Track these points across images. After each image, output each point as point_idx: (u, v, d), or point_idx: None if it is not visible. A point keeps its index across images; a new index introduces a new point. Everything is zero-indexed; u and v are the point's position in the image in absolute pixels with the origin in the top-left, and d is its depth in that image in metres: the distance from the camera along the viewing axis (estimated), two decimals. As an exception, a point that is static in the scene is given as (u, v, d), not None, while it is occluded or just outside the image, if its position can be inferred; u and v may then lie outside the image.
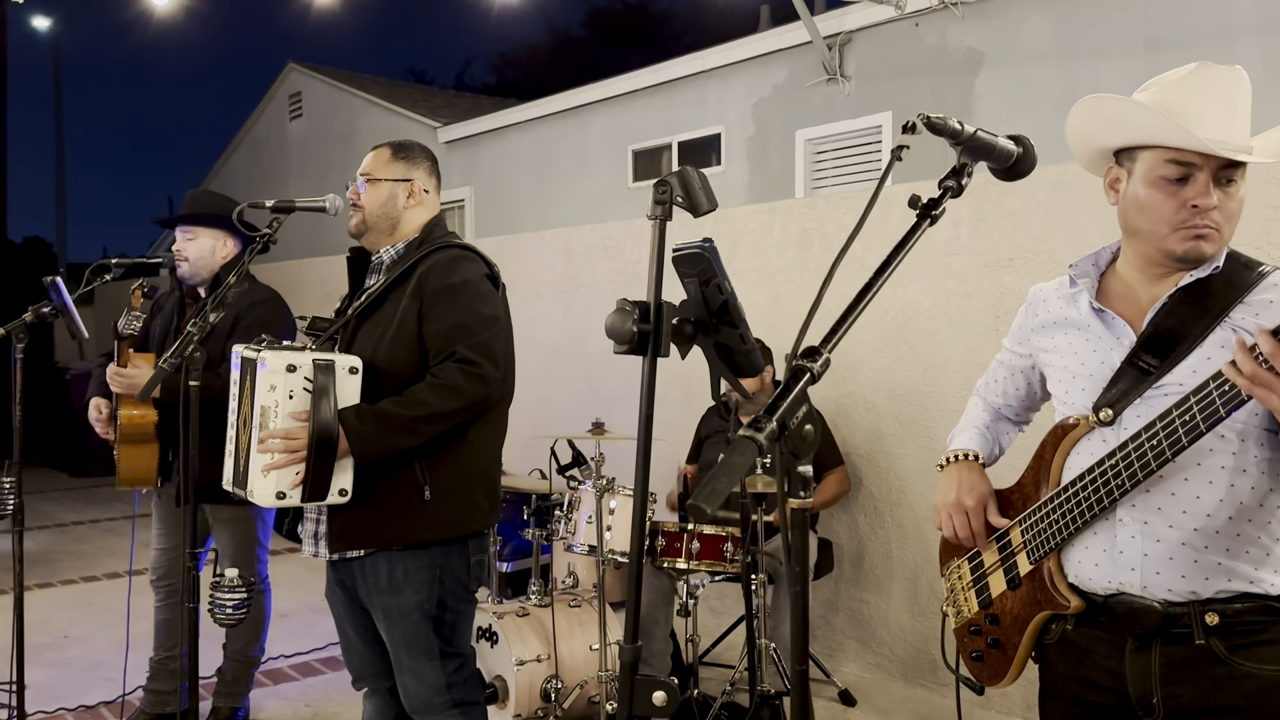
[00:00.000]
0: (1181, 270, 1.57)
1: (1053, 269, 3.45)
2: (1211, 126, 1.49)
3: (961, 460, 1.82)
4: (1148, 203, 1.55)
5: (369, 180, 2.46)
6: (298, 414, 2.16)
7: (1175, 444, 1.44)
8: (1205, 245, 1.52)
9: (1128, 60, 5.95)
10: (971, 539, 1.76)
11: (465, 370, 2.25)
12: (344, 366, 2.21)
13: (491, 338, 2.31)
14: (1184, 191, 1.51)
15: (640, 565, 1.26)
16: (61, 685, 3.96)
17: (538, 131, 10.19)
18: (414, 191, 2.48)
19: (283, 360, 2.16)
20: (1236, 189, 1.53)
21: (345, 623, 2.52)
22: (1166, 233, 1.54)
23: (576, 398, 5.28)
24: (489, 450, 2.45)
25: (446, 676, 2.37)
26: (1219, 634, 1.50)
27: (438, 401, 2.22)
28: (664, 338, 1.25)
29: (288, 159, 13.68)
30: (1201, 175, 1.50)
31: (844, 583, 4.19)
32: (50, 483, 9.03)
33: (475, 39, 63.96)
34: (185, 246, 3.28)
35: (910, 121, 1.29)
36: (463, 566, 2.39)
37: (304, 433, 2.15)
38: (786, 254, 4.43)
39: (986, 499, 1.75)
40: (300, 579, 5.35)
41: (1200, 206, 1.50)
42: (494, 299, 2.39)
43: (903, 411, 3.97)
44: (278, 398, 2.16)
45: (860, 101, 7.38)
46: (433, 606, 2.34)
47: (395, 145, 2.52)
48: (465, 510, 2.36)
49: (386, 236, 2.47)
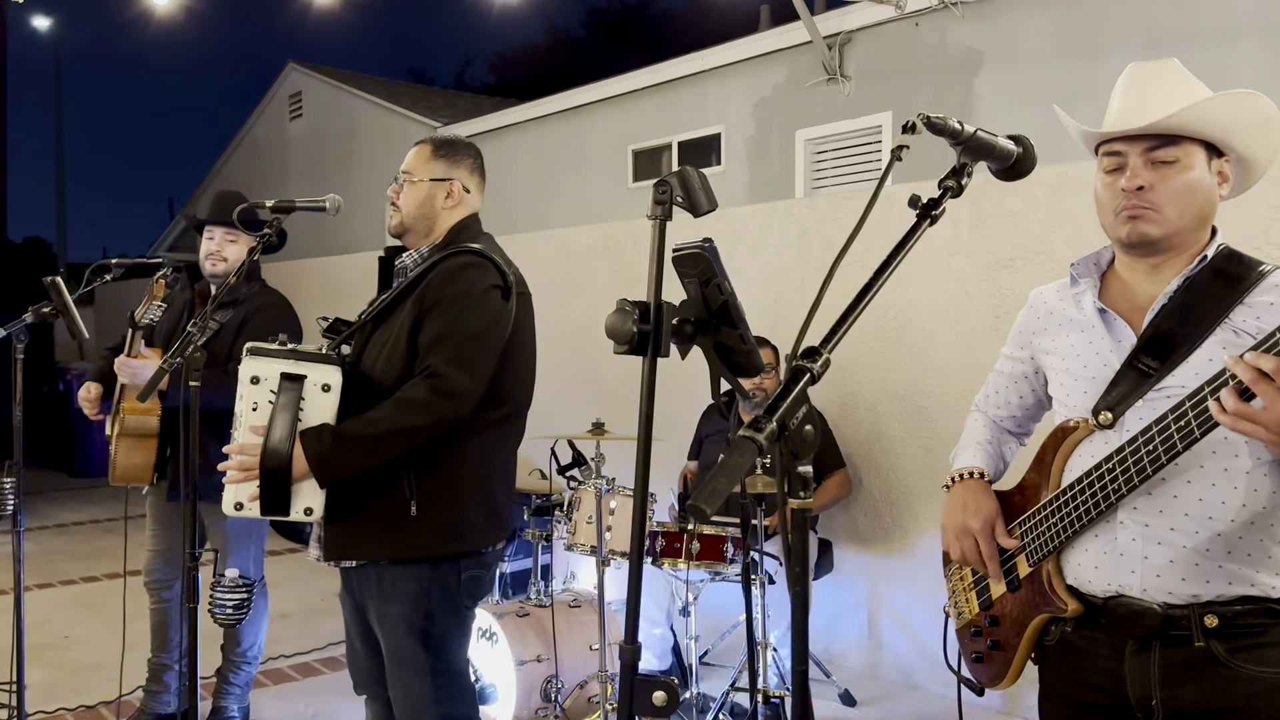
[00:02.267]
0: (1156, 259, 1.60)
1: (1053, 269, 3.45)
2: (1134, 115, 1.57)
3: (967, 480, 1.80)
4: (1099, 197, 1.64)
5: (408, 179, 2.39)
6: (257, 427, 2.10)
7: (1171, 449, 1.44)
8: (1143, 225, 1.57)
9: (1128, 60, 5.88)
10: (981, 564, 1.73)
11: (433, 385, 2.16)
12: (316, 383, 2.12)
13: (473, 350, 2.21)
14: (1119, 180, 1.58)
15: (640, 565, 1.26)
16: (61, 685, 3.96)
17: (537, 131, 10.18)
18: (453, 191, 2.39)
19: (250, 369, 2.09)
20: (1176, 169, 1.56)
21: (350, 626, 2.49)
22: (1111, 220, 1.61)
23: (576, 398, 5.28)
24: (490, 465, 2.34)
25: (435, 690, 2.29)
26: (1219, 636, 1.50)
27: (402, 418, 2.14)
28: (664, 338, 1.25)
29: (288, 159, 13.68)
30: (1131, 160, 1.57)
31: (844, 582, 4.19)
32: (50, 483, 9.03)
33: (475, 39, 63.89)
34: (225, 247, 3.25)
35: (910, 121, 1.29)
36: (453, 582, 2.30)
37: (259, 449, 2.09)
38: (786, 254, 4.43)
39: (993, 519, 1.73)
40: (300, 579, 5.35)
41: (1126, 188, 1.56)
42: (492, 310, 2.27)
43: (902, 412, 3.97)
44: (243, 407, 2.11)
45: (860, 101, 7.37)
46: (420, 619, 2.27)
47: (437, 142, 2.43)
48: (455, 528, 2.27)
49: (424, 237, 2.39)
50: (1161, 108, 1.55)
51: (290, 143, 13.68)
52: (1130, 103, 1.61)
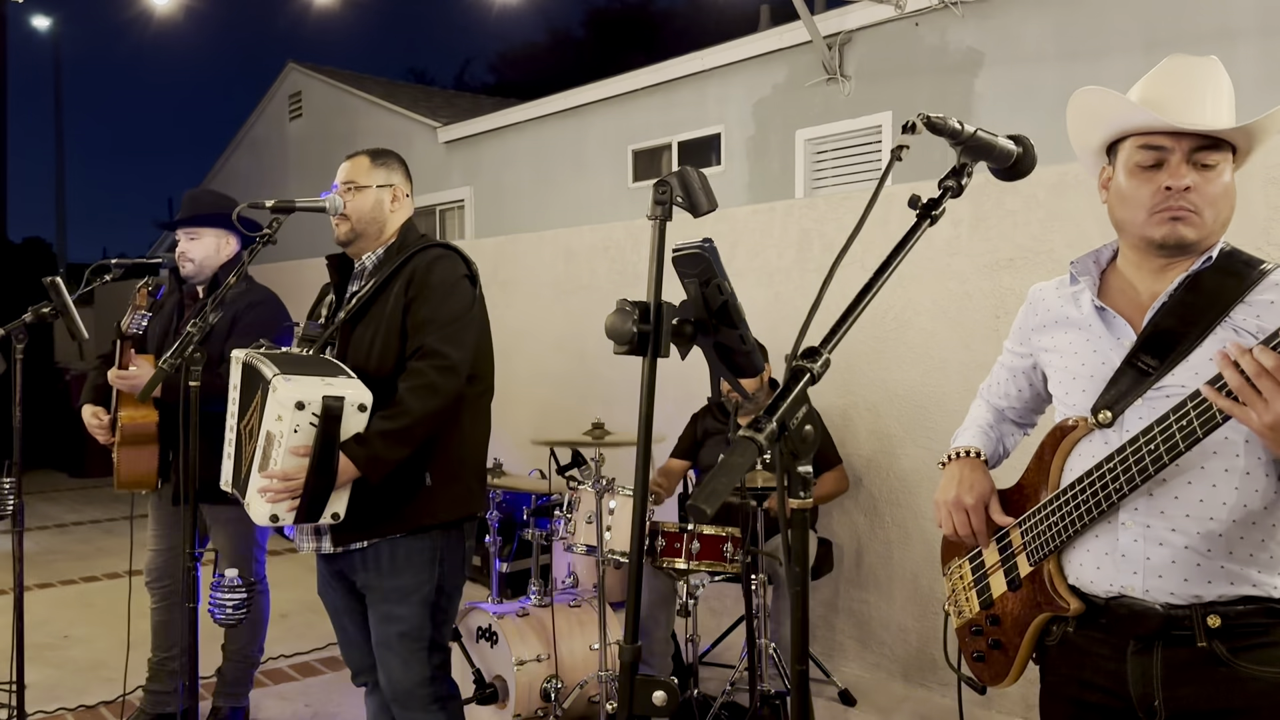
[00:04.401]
0: (1171, 260, 1.57)
1: (1053, 269, 3.44)
2: (1178, 109, 1.51)
3: (963, 457, 1.81)
4: (1127, 191, 1.57)
5: (354, 188, 2.50)
6: (298, 449, 2.15)
7: (1173, 449, 1.43)
8: (1183, 228, 1.52)
9: (1128, 60, 5.95)
10: (972, 537, 1.75)
11: (435, 365, 2.32)
12: (354, 403, 2.20)
13: (459, 329, 2.38)
14: (1158, 176, 1.53)
15: (640, 565, 1.26)
16: (61, 685, 3.95)
17: (537, 131, 10.18)
18: (397, 195, 2.55)
19: (293, 395, 2.13)
20: (1216, 173, 1.53)
21: (344, 616, 2.56)
22: (1144, 218, 1.55)
23: (576, 398, 5.28)
24: (476, 437, 2.54)
25: (432, 669, 2.44)
26: (1221, 636, 1.49)
27: (420, 405, 2.28)
28: (664, 338, 1.25)
29: (288, 159, 13.68)
30: (1174, 158, 1.52)
31: (844, 583, 4.19)
32: (50, 483, 9.02)
33: (475, 39, 63.95)
34: (189, 247, 3.27)
35: (910, 121, 1.29)
36: (460, 548, 2.47)
37: (302, 471, 2.16)
38: (786, 254, 4.43)
39: (988, 496, 1.74)
40: (300, 579, 5.34)
41: (1173, 188, 1.51)
42: (468, 295, 2.46)
43: (902, 412, 3.97)
44: (283, 429, 2.14)
45: (860, 101, 7.37)
46: (432, 590, 2.41)
47: (372, 153, 2.58)
48: (462, 495, 2.45)
49: (373, 241, 2.54)
50: (1224, 110, 1.52)
51: (290, 143, 13.68)
52: (1183, 96, 1.54)
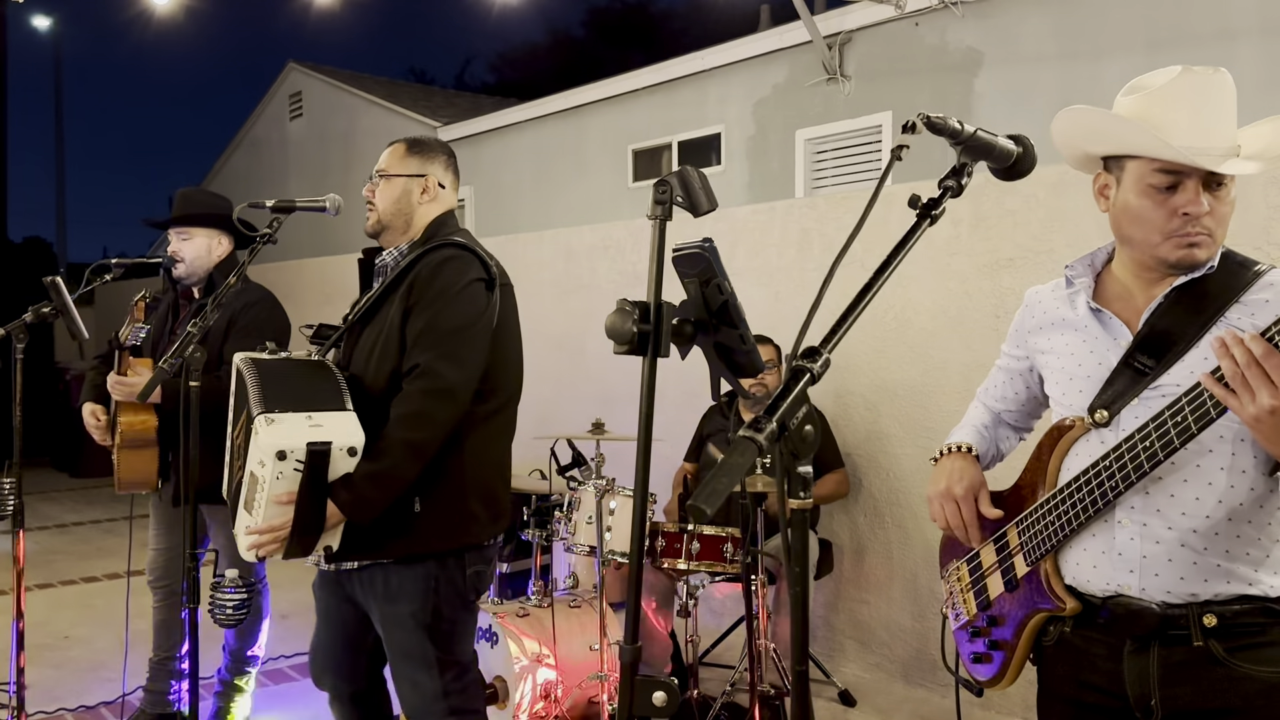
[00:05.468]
0: (1176, 275, 1.57)
1: (1053, 269, 3.44)
2: (1191, 134, 1.48)
3: (955, 452, 1.82)
4: (1139, 212, 1.54)
5: (384, 177, 2.41)
6: (280, 497, 2.05)
7: (1168, 445, 1.44)
8: (1198, 252, 1.52)
9: (1128, 60, 5.95)
10: (963, 529, 1.74)
11: (426, 390, 2.17)
12: (342, 447, 2.07)
13: (459, 344, 2.22)
14: (1174, 200, 1.51)
15: (640, 565, 1.26)
16: (61, 685, 3.96)
17: (537, 131, 10.18)
18: (428, 187, 2.41)
19: (274, 443, 2.01)
20: (1227, 192, 1.53)
21: (326, 620, 2.47)
22: (1159, 241, 1.53)
23: (576, 398, 5.28)
24: (488, 458, 2.36)
25: (444, 685, 2.31)
26: (1217, 636, 1.50)
27: (408, 438, 2.15)
28: (664, 338, 1.25)
29: (288, 159, 13.67)
30: (1190, 182, 1.49)
31: (844, 583, 4.19)
32: (50, 483, 9.03)
33: (475, 39, 63.96)
34: (181, 247, 3.26)
35: (910, 121, 1.29)
36: (459, 577, 2.32)
37: (287, 519, 2.06)
38: (786, 254, 4.43)
39: (977, 488, 1.74)
40: (300, 579, 5.34)
41: (1191, 214, 1.50)
42: (478, 302, 2.28)
43: (903, 411, 3.97)
44: (266, 475, 2.04)
45: (860, 101, 7.37)
46: (427, 615, 2.28)
47: (411, 141, 2.46)
48: (458, 522, 2.29)
49: (401, 234, 2.41)
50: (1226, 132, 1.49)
51: (290, 142, 13.68)
52: (1201, 125, 1.48)
